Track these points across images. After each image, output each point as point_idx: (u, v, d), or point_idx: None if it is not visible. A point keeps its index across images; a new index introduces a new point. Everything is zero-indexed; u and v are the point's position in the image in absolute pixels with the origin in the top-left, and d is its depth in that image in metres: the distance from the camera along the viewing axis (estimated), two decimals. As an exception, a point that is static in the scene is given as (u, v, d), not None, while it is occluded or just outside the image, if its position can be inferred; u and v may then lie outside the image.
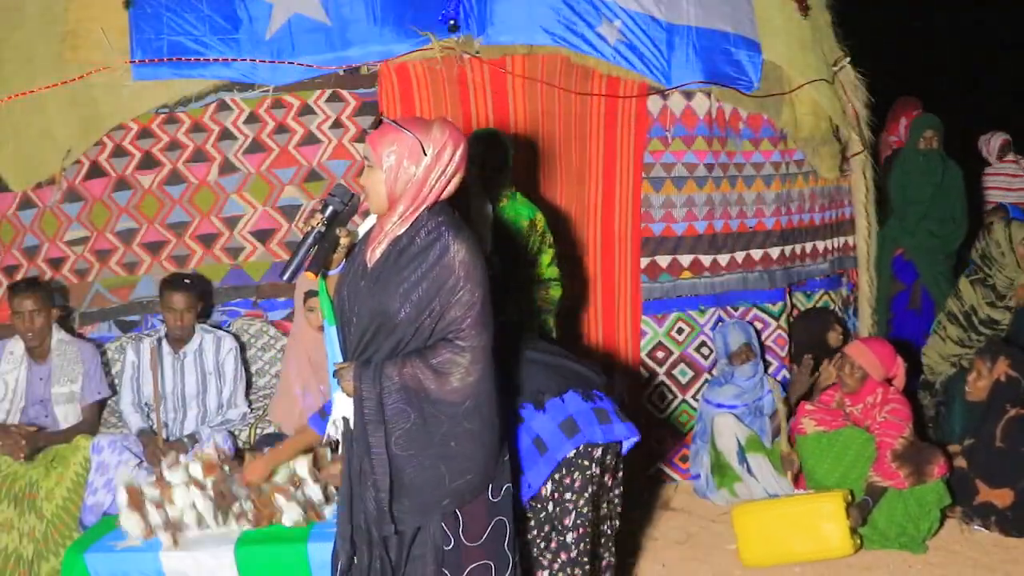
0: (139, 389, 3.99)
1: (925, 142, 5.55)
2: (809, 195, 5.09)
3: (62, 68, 4.01)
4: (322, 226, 2.47)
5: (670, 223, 4.63)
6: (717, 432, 4.38)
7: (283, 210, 4.12)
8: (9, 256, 4.16)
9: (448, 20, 4.09)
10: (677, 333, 4.70)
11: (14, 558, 3.59)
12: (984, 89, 10.57)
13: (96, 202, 4.12)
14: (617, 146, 4.50)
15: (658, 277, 4.64)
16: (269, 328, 4.20)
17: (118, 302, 4.18)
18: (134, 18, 4.00)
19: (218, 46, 4.02)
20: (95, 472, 3.69)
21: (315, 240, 2.47)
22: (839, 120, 5.09)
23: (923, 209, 5.52)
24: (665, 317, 4.67)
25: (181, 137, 4.10)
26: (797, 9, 4.89)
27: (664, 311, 4.67)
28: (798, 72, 4.85)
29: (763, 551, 3.81)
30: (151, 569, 3.14)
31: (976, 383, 4.23)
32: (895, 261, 5.63)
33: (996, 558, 3.83)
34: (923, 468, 3.88)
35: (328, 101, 4.12)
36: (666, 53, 4.47)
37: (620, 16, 4.36)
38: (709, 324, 4.73)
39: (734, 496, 4.31)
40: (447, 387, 2.35)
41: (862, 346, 4.20)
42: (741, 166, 4.77)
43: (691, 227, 4.66)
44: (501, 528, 2.51)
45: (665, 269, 4.65)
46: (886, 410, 4.01)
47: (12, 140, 4.05)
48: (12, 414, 3.95)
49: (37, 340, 3.96)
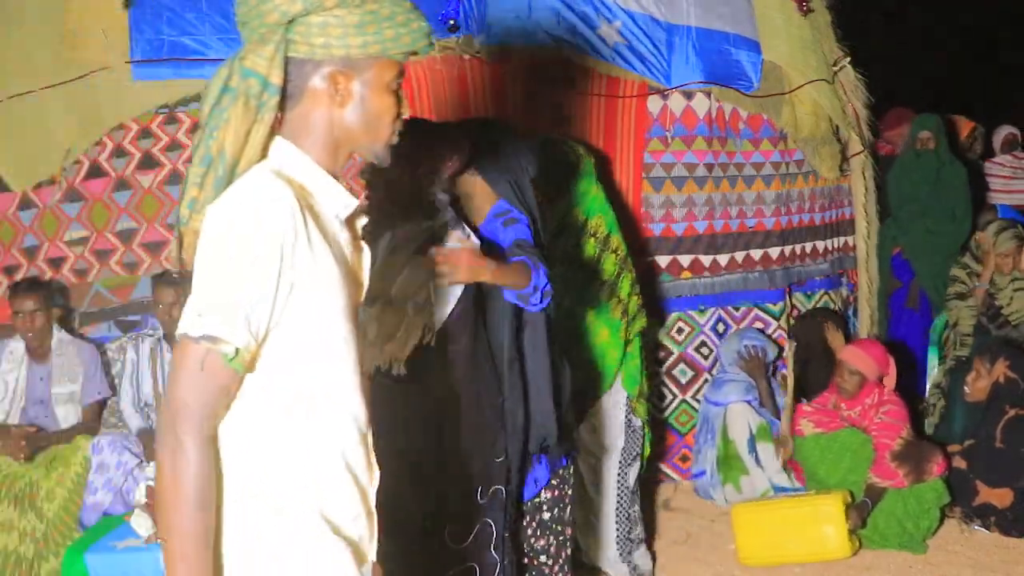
0: (139, 388, 3.99)
1: (921, 143, 5.55)
2: (809, 195, 5.09)
3: (62, 68, 4.00)
4: None
5: (670, 223, 4.63)
6: (731, 421, 4.37)
7: (283, 210, 4.12)
8: (9, 256, 4.16)
9: (448, 20, 4.09)
10: (677, 333, 4.70)
11: (14, 558, 3.59)
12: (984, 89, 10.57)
13: (96, 202, 4.11)
14: (617, 146, 4.50)
15: (658, 277, 4.64)
16: (269, 328, 4.19)
17: (118, 302, 4.17)
18: (134, 18, 3.99)
19: (218, 46, 4.02)
20: (95, 472, 3.68)
21: None
22: (839, 120, 5.09)
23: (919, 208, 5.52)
24: (665, 317, 4.67)
25: (181, 137, 4.09)
26: (797, 9, 4.89)
27: (664, 311, 4.67)
28: (798, 72, 4.85)
29: (763, 551, 3.81)
30: (151, 569, 3.14)
31: (975, 384, 4.24)
32: (893, 259, 5.63)
33: (996, 558, 3.84)
34: (922, 466, 3.88)
35: (328, 101, 4.12)
36: (666, 53, 4.47)
37: (620, 16, 4.36)
38: (709, 324, 4.73)
39: (738, 491, 4.30)
40: None
41: (856, 350, 4.20)
42: (741, 166, 4.77)
43: (691, 227, 4.66)
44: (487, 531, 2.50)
45: (665, 269, 4.65)
46: (883, 411, 4.02)
47: (12, 140, 4.05)
48: (12, 414, 3.94)
49: (37, 340, 3.96)
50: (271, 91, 1.47)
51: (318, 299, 1.47)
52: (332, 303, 1.49)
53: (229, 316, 1.38)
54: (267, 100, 1.47)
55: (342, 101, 1.51)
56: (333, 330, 1.50)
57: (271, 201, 1.41)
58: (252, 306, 1.39)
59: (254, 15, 1.47)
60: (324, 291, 1.47)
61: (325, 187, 1.52)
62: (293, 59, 1.48)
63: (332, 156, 1.54)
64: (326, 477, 1.51)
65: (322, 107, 1.51)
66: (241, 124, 1.46)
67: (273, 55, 1.46)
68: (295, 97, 1.51)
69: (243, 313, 1.39)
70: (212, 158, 1.46)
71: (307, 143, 1.52)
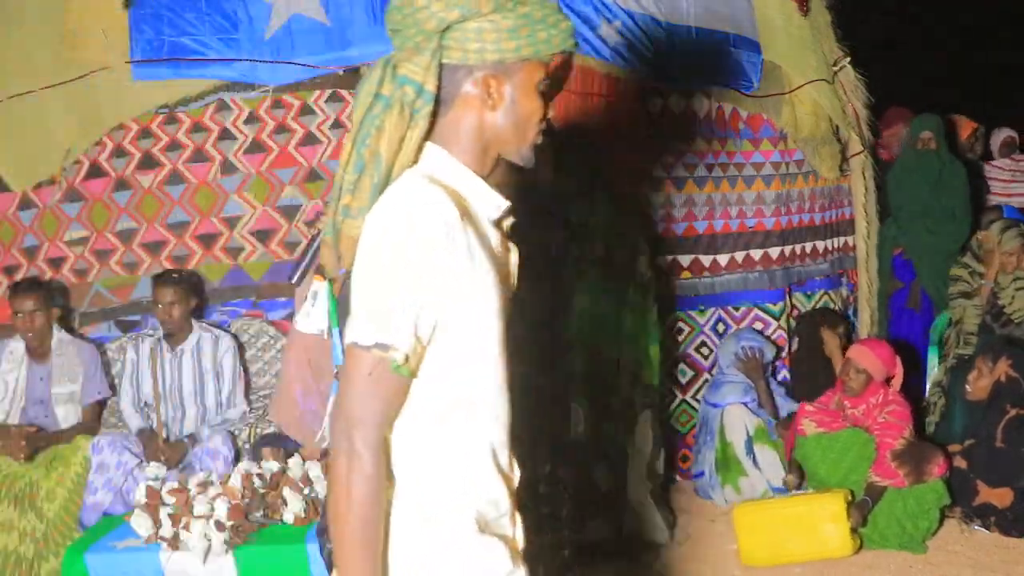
0: (139, 388, 3.99)
1: (922, 143, 5.54)
2: (809, 195, 5.09)
3: (62, 68, 4.00)
4: None
5: (670, 223, 4.63)
6: (728, 423, 4.38)
7: (283, 210, 4.12)
8: (9, 256, 4.16)
9: (448, 20, 4.09)
10: (677, 333, 4.70)
11: (14, 558, 3.59)
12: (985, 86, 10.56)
13: (96, 202, 4.11)
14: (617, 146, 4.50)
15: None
16: (269, 328, 4.20)
17: (118, 302, 4.18)
18: (134, 18, 4.00)
19: (218, 46, 4.02)
20: (95, 472, 3.68)
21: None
22: (839, 120, 5.09)
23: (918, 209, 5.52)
24: (665, 317, 4.67)
25: (181, 137, 4.10)
26: (797, 9, 4.89)
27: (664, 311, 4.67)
28: (798, 72, 4.85)
29: (763, 551, 3.81)
30: (151, 569, 3.15)
31: (977, 382, 4.23)
32: (895, 260, 5.63)
33: (996, 558, 3.83)
34: (922, 467, 3.88)
35: (328, 101, 4.12)
36: (666, 53, 4.47)
37: (620, 16, 4.36)
38: (709, 324, 4.73)
39: (738, 493, 4.31)
40: None
41: (864, 348, 4.19)
42: (741, 166, 4.77)
43: (691, 227, 4.66)
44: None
45: (665, 269, 4.65)
46: (886, 411, 4.01)
47: (12, 140, 4.05)
48: (12, 414, 3.95)
49: (37, 340, 3.96)
50: (426, 98, 1.48)
51: (476, 303, 1.47)
52: (489, 306, 1.50)
53: (398, 323, 1.39)
54: (422, 107, 1.48)
55: (494, 105, 1.52)
56: (489, 333, 1.51)
57: (430, 206, 1.42)
58: (418, 312, 1.40)
59: (410, 23, 1.47)
60: (481, 295, 1.48)
61: (477, 190, 1.53)
62: (446, 65, 1.49)
63: (481, 160, 1.55)
64: (482, 480, 1.52)
65: (473, 111, 1.52)
66: (396, 131, 1.47)
67: (429, 63, 1.47)
68: (446, 103, 1.51)
69: (411, 319, 1.40)
70: (365, 164, 1.48)
71: (457, 147, 1.53)
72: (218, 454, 3.76)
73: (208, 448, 3.78)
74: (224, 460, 3.75)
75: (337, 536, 1.40)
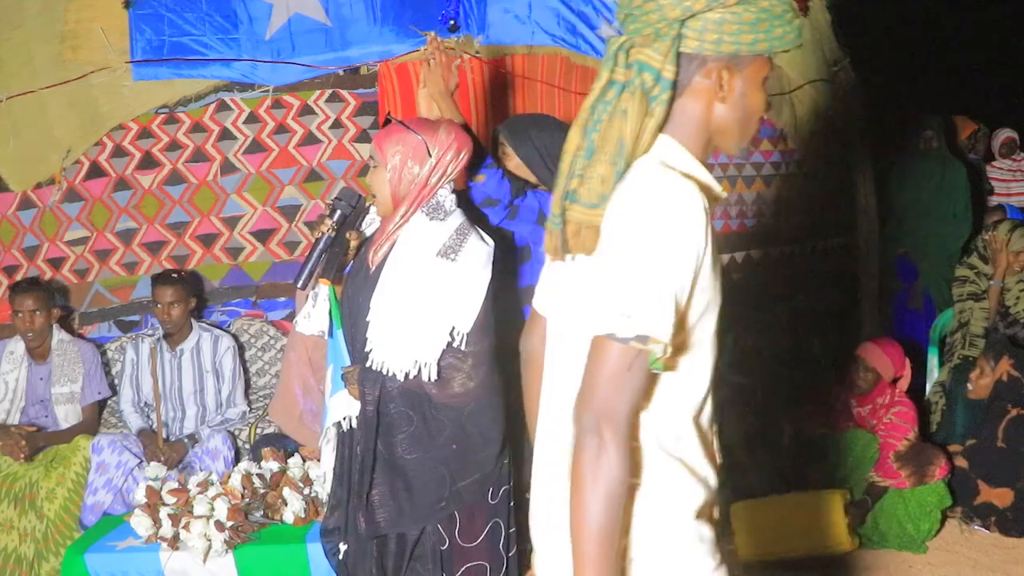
0: (138, 388, 3.99)
1: (924, 143, 5.55)
2: (809, 195, 5.09)
3: (62, 68, 4.01)
4: (332, 231, 2.49)
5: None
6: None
7: (283, 210, 4.12)
8: (9, 256, 4.16)
9: (448, 20, 4.09)
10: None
11: (14, 558, 3.59)
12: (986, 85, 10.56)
13: (96, 202, 4.12)
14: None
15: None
16: (269, 328, 4.20)
17: (118, 302, 4.18)
18: (134, 18, 4.00)
19: (218, 46, 4.02)
20: (95, 472, 3.68)
21: (326, 245, 2.49)
22: (839, 120, 5.09)
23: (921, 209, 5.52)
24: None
25: (181, 137, 4.10)
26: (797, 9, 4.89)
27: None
28: (798, 72, 4.85)
29: (762, 548, 3.80)
30: (151, 569, 3.14)
31: (979, 381, 4.23)
32: (897, 260, 5.63)
33: (996, 558, 3.83)
34: (924, 469, 3.87)
35: (328, 101, 4.12)
36: (666, 53, 4.47)
37: (620, 16, 4.36)
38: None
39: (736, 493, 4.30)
40: (448, 392, 2.35)
41: (874, 347, 4.17)
42: (741, 166, 4.77)
43: (691, 227, 4.66)
44: (497, 529, 2.51)
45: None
46: (892, 412, 4.00)
47: (12, 140, 4.05)
48: (12, 414, 3.95)
49: (37, 340, 3.96)
50: (664, 85, 1.46)
51: (714, 293, 1.47)
52: (718, 297, 1.49)
53: (660, 314, 1.36)
54: (659, 95, 1.46)
55: (724, 97, 1.50)
56: (712, 325, 1.50)
57: (692, 198, 1.41)
58: (679, 303, 1.39)
59: (652, 8, 1.45)
60: (715, 285, 1.48)
61: (703, 180, 1.52)
62: (682, 54, 1.48)
63: (704, 150, 1.55)
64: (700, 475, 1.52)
65: (702, 102, 1.51)
66: (636, 118, 1.45)
67: (668, 50, 1.45)
68: (677, 92, 1.50)
69: (671, 310, 1.37)
70: (595, 150, 1.46)
71: (683, 137, 1.52)
72: (218, 454, 3.76)
73: (208, 448, 3.78)
74: (224, 460, 3.74)
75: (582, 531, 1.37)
